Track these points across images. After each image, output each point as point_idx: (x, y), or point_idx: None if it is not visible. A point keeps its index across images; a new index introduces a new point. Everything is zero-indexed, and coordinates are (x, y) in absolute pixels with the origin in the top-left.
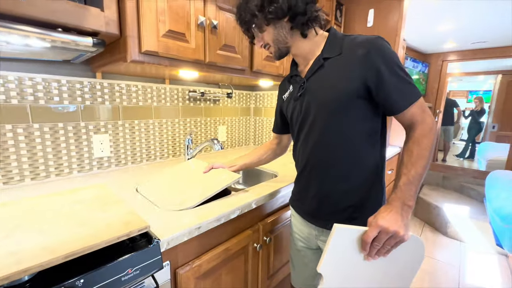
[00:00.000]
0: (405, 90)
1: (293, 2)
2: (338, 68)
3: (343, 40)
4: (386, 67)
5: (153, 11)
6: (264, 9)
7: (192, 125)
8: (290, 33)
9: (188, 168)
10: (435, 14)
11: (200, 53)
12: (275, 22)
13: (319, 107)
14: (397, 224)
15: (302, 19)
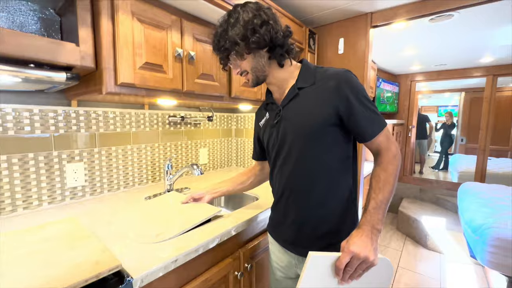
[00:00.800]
0: (372, 119)
1: (273, 35)
2: (312, 97)
3: (315, 72)
4: (355, 98)
5: (130, 45)
6: (247, 38)
7: (173, 149)
8: (268, 62)
9: (165, 201)
10: (400, 41)
11: (177, 82)
12: (255, 52)
13: (295, 134)
14: (367, 249)
15: (280, 51)
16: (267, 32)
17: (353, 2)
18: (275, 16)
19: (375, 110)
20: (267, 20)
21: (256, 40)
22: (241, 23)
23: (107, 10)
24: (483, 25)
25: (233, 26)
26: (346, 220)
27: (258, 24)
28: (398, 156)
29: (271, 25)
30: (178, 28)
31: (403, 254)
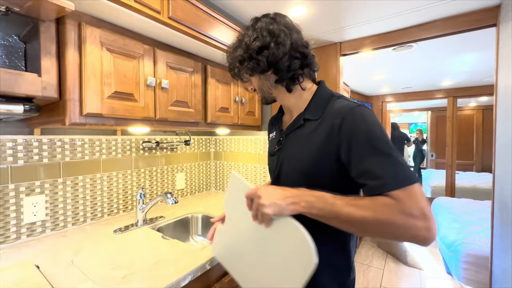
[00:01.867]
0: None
1: (273, 59)
2: (316, 133)
3: (328, 102)
4: (364, 140)
5: (98, 75)
6: (244, 62)
7: (147, 175)
8: (275, 85)
9: (135, 238)
10: (369, 67)
11: (149, 111)
12: (258, 74)
13: (290, 168)
14: (269, 194)
15: (287, 75)
16: (264, 58)
17: (323, 33)
18: (279, 36)
19: (394, 164)
20: (265, 45)
21: (251, 66)
22: (243, 46)
23: (74, 40)
24: (440, 54)
25: (237, 48)
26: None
27: (256, 49)
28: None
29: (270, 49)
30: (151, 56)
31: (385, 272)
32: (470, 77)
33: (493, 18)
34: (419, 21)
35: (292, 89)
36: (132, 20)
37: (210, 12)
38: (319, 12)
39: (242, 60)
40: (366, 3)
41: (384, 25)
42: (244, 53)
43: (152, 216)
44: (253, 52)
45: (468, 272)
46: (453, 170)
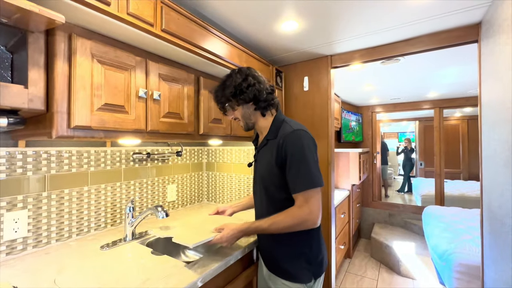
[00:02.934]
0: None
1: (257, 93)
2: (272, 148)
3: (280, 126)
4: (290, 158)
5: (88, 87)
6: (237, 96)
7: (137, 187)
8: (254, 113)
9: (124, 255)
10: (359, 79)
11: (141, 122)
12: (243, 104)
13: (259, 175)
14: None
15: (263, 104)
16: (252, 92)
17: (314, 46)
18: (259, 78)
19: (304, 172)
20: (253, 84)
21: (243, 97)
22: (233, 85)
23: (64, 52)
24: (425, 67)
25: (228, 87)
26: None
27: (245, 86)
28: (305, 221)
29: (255, 87)
30: (143, 68)
31: (378, 282)
32: (454, 89)
33: (475, 34)
34: (406, 37)
35: (266, 114)
36: (125, 32)
37: (203, 24)
38: (310, 27)
39: (235, 94)
40: (355, 19)
41: (373, 39)
42: (235, 90)
43: (141, 230)
44: (244, 88)
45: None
46: (442, 178)
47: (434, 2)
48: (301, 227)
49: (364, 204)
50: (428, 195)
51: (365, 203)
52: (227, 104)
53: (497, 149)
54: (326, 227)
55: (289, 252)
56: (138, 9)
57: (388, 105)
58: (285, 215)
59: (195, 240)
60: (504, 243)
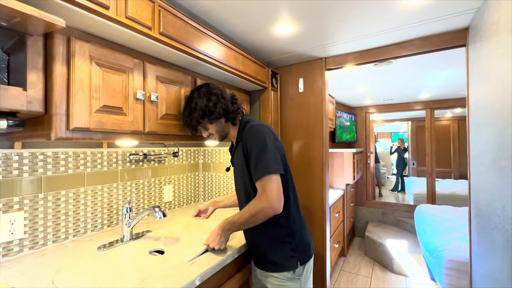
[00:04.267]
0: (256, 168)
1: (224, 107)
2: (240, 149)
3: (244, 129)
4: (249, 150)
5: (86, 89)
6: (206, 116)
7: (134, 188)
8: (226, 125)
9: (121, 255)
10: (353, 80)
11: (138, 124)
12: (215, 121)
13: (237, 178)
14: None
15: (232, 115)
16: (220, 109)
17: (309, 48)
18: (222, 92)
19: (261, 161)
20: (218, 100)
21: (214, 116)
22: (200, 107)
23: (62, 55)
24: (417, 69)
25: (194, 110)
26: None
27: (212, 105)
28: (264, 208)
29: (221, 102)
30: (141, 70)
31: (372, 280)
32: (445, 90)
33: (463, 39)
34: (398, 40)
35: (236, 123)
36: (123, 35)
37: (200, 28)
38: (305, 30)
39: (204, 116)
40: (348, 23)
41: (366, 43)
42: (204, 112)
43: (138, 231)
44: (211, 108)
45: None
46: (433, 178)
47: (425, 8)
48: (263, 215)
49: (358, 203)
50: (420, 194)
51: (359, 202)
52: (199, 126)
53: (484, 149)
54: (321, 226)
55: (273, 243)
56: (137, 13)
57: (381, 106)
58: (248, 205)
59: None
60: (490, 240)
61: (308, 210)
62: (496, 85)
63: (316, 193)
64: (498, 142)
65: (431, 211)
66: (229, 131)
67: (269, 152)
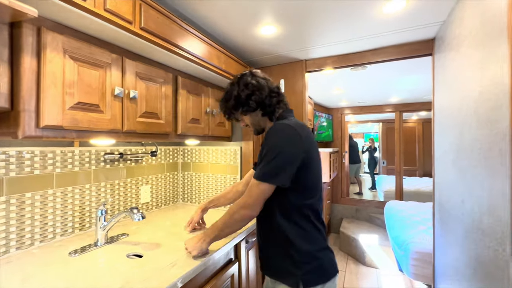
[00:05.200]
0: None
1: (259, 100)
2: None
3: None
4: (262, 150)
5: (59, 84)
6: (239, 107)
7: (108, 189)
8: (262, 118)
9: (96, 261)
10: (331, 83)
11: (116, 122)
12: (250, 113)
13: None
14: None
15: (269, 109)
16: (254, 102)
17: (290, 50)
18: (261, 83)
19: (264, 164)
20: (252, 92)
21: (246, 109)
22: (234, 97)
23: (32, 46)
24: (388, 74)
25: (228, 99)
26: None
27: (245, 97)
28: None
29: (256, 95)
30: (119, 66)
31: (346, 274)
32: (412, 94)
33: (429, 48)
34: (373, 47)
35: (273, 118)
36: (101, 28)
37: (183, 25)
38: (287, 32)
39: (237, 107)
40: (328, 28)
41: (344, 47)
42: (237, 103)
43: (113, 234)
44: (243, 100)
45: (416, 268)
46: (401, 176)
47: (398, 18)
48: (239, 215)
49: (334, 201)
50: (390, 191)
51: (334, 199)
52: (232, 116)
53: (446, 150)
54: None
55: (276, 252)
56: (116, 6)
57: (356, 107)
58: (234, 204)
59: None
60: (451, 232)
61: None
62: (457, 93)
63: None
64: (457, 144)
65: (399, 207)
66: (265, 126)
67: (277, 157)
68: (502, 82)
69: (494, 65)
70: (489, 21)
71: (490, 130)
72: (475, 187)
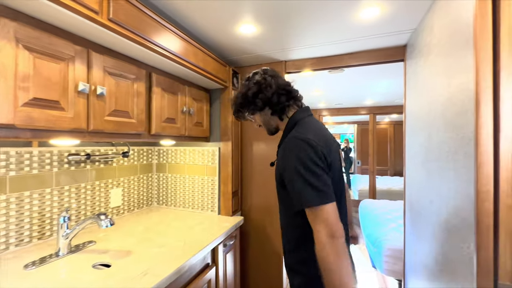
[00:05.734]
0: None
1: (265, 99)
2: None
3: (291, 129)
4: (288, 170)
5: (10, 78)
6: (246, 106)
7: (73, 193)
8: (272, 117)
9: (57, 274)
10: (309, 85)
11: (81, 121)
12: (259, 112)
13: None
14: None
15: (278, 108)
16: (259, 100)
17: (270, 51)
18: (268, 80)
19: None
20: (258, 90)
21: (252, 107)
22: (242, 95)
23: None
24: (364, 78)
25: (237, 97)
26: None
27: (251, 95)
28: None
29: (263, 93)
30: (84, 59)
31: None
32: (385, 98)
33: (402, 55)
34: (350, 51)
35: (283, 118)
36: (63, 17)
37: (158, 19)
38: (267, 32)
39: (243, 105)
40: (308, 30)
41: (323, 50)
42: (244, 101)
43: (79, 242)
44: (250, 98)
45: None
46: (374, 175)
47: (372, 24)
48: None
49: None
50: (364, 190)
51: None
52: (239, 114)
53: (416, 152)
54: (278, 224)
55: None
56: None
57: (333, 109)
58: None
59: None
60: (420, 231)
61: (266, 209)
62: (426, 97)
63: (273, 193)
64: (426, 147)
65: (373, 206)
66: (277, 126)
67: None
68: (467, 89)
69: (460, 73)
70: (457, 31)
71: (456, 134)
72: (443, 188)
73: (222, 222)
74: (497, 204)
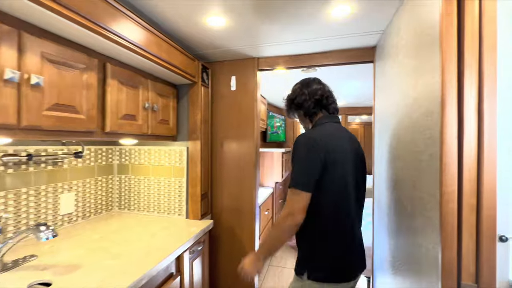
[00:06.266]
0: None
1: (299, 103)
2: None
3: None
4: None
5: None
6: (288, 108)
7: (11, 200)
8: (305, 119)
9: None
10: (283, 83)
11: (8, 116)
12: (297, 113)
13: None
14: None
15: (307, 112)
16: (295, 104)
17: (241, 46)
18: (304, 86)
19: (295, 172)
20: (295, 95)
21: (291, 110)
22: (287, 98)
23: None
24: (336, 78)
25: (286, 100)
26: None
27: (289, 99)
28: (287, 218)
29: (296, 100)
30: (14, 42)
31: None
32: (357, 99)
33: (371, 56)
34: (322, 50)
35: (312, 120)
36: None
37: (112, 2)
38: (237, 25)
39: (287, 106)
40: (278, 25)
41: (295, 48)
42: (287, 102)
43: (18, 257)
44: (288, 101)
45: None
46: None
47: (343, 23)
48: (285, 226)
49: None
50: None
51: None
52: (287, 112)
53: (384, 151)
54: (250, 226)
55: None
56: None
57: None
58: (278, 217)
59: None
60: (384, 228)
61: (237, 211)
62: (394, 98)
63: (246, 193)
64: (392, 146)
65: None
66: (308, 125)
67: (299, 166)
68: (434, 90)
69: (427, 74)
70: (423, 32)
71: (423, 135)
72: (409, 187)
73: (189, 227)
74: (460, 204)
